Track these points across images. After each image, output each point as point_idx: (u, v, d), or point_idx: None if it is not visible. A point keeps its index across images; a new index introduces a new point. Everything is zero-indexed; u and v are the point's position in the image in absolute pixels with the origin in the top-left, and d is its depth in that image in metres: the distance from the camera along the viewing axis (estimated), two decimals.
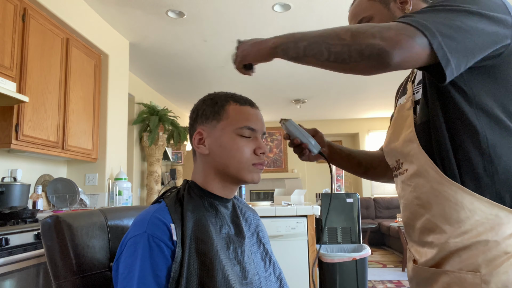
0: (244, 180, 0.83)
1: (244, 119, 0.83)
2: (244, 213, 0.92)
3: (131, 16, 3.18)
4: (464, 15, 0.64)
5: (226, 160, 0.82)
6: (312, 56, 0.70)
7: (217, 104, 0.85)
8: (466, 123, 0.68)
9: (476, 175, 0.67)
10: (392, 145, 0.84)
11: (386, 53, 0.62)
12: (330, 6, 3.06)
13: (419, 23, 0.63)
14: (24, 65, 2.30)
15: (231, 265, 0.76)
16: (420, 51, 0.62)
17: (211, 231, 0.76)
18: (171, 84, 5.04)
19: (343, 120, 7.64)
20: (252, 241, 0.88)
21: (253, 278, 0.81)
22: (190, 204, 0.79)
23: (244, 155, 0.82)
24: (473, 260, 0.65)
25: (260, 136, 0.86)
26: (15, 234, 1.73)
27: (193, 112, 0.88)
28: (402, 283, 3.76)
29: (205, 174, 0.85)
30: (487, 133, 0.67)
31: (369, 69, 0.65)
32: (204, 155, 0.84)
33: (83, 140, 2.92)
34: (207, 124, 0.84)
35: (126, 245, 0.72)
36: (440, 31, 0.62)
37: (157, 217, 0.74)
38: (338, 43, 0.66)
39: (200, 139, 0.84)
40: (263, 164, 0.84)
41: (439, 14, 0.65)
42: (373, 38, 0.63)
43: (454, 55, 0.63)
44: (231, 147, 0.82)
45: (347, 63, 0.66)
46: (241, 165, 0.82)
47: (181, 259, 0.71)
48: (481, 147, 0.67)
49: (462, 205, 0.67)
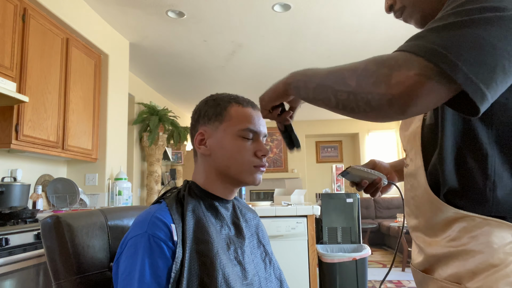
0: (245, 182, 0.83)
1: (246, 121, 0.84)
2: (244, 214, 0.92)
3: (131, 16, 3.18)
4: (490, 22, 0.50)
5: (227, 162, 0.82)
6: (321, 101, 0.62)
7: (220, 105, 0.85)
8: (477, 145, 0.60)
9: (476, 195, 0.61)
10: (403, 132, 0.80)
11: (397, 104, 0.51)
12: (330, 6, 3.06)
13: (434, 53, 0.49)
14: (24, 65, 2.31)
15: (231, 265, 0.76)
16: (441, 93, 0.50)
17: (212, 232, 0.76)
18: (171, 84, 5.04)
19: (343, 120, 7.64)
20: (252, 242, 0.89)
21: (254, 278, 0.81)
22: (191, 205, 0.79)
23: (245, 157, 0.82)
24: (457, 269, 0.62)
25: (262, 138, 0.86)
26: (15, 234, 1.73)
27: (195, 113, 0.88)
28: (402, 283, 3.76)
29: (206, 174, 0.85)
30: (496, 162, 0.59)
31: (382, 119, 0.56)
32: (205, 156, 0.85)
33: (83, 140, 2.92)
34: (209, 125, 0.85)
35: (126, 245, 0.73)
36: (463, 58, 0.48)
37: (157, 217, 0.74)
38: (344, 89, 0.57)
39: (202, 140, 0.85)
40: (264, 166, 0.84)
41: (459, 29, 0.50)
42: (379, 85, 0.52)
43: (489, 85, 0.49)
44: (232, 148, 0.82)
45: (356, 112, 0.57)
46: (242, 167, 0.82)
47: (182, 259, 0.71)
48: (487, 172, 0.60)
49: (448, 218, 0.63)
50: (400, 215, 4.77)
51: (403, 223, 0.86)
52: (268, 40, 3.70)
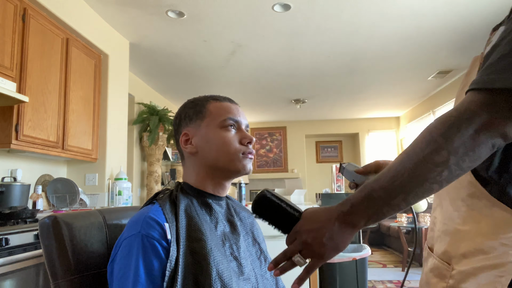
0: (235, 171, 0.84)
1: (226, 113, 0.86)
2: (239, 212, 0.93)
3: (131, 16, 3.18)
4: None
5: (215, 154, 0.84)
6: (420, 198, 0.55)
7: (198, 105, 0.88)
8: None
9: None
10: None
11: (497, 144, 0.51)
12: (330, 6, 3.06)
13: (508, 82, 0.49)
14: (24, 65, 2.31)
15: (227, 261, 0.76)
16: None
17: (205, 229, 0.77)
18: (171, 84, 5.04)
19: (343, 120, 7.63)
20: (247, 240, 0.89)
21: (250, 274, 0.82)
22: (184, 204, 0.80)
23: (232, 146, 0.84)
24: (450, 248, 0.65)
25: (244, 128, 0.88)
26: (15, 234, 1.73)
27: (176, 118, 0.91)
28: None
29: (197, 173, 0.86)
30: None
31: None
32: (193, 155, 0.86)
33: (83, 140, 2.92)
34: (191, 125, 0.87)
35: (120, 246, 0.73)
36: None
37: (151, 217, 0.74)
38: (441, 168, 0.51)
39: (187, 140, 0.87)
40: (252, 153, 0.86)
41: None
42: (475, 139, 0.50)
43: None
44: (218, 141, 0.84)
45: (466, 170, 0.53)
46: (231, 156, 0.83)
47: (176, 257, 0.71)
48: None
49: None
50: (400, 215, 4.77)
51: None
52: (268, 40, 3.70)
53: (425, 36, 3.66)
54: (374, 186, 0.56)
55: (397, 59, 4.27)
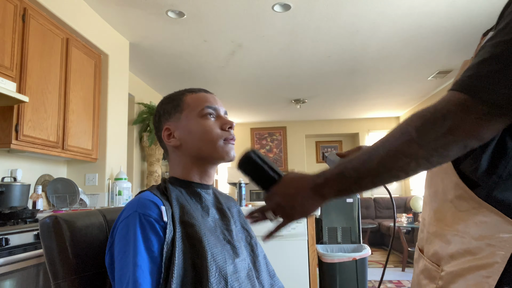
0: (219, 157, 0.86)
1: (203, 102, 0.88)
2: (225, 202, 0.95)
3: (131, 16, 3.18)
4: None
5: (198, 144, 0.85)
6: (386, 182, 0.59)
7: (175, 99, 0.90)
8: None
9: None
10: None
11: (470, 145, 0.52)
12: (330, 6, 3.06)
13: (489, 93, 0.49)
14: (24, 65, 2.31)
15: (220, 245, 0.78)
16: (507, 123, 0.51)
17: (197, 216, 0.79)
18: (171, 84, 5.04)
19: (343, 120, 7.63)
20: (237, 227, 0.92)
21: (245, 255, 0.85)
22: (174, 193, 0.81)
23: (214, 133, 0.85)
24: (439, 250, 0.65)
25: (223, 114, 0.90)
26: (15, 234, 1.73)
27: (155, 116, 0.92)
28: (402, 283, 3.76)
29: (182, 165, 0.87)
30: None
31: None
32: (176, 148, 0.88)
33: (83, 140, 2.92)
34: (171, 119, 0.88)
35: (118, 228, 0.73)
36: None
37: (147, 199, 0.75)
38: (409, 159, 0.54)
39: (169, 134, 0.88)
40: (233, 139, 0.88)
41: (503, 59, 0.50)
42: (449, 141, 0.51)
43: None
44: (199, 129, 0.85)
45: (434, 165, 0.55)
46: (213, 143, 0.85)
47: (172, 238, 0.72)
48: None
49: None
50: (400, 215, 4.77)
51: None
52: (268, 40, 3.70)
53: (425, 36, 3.66)
54: (348, 166, 0.61)
55: (397, 59, 4.27)
